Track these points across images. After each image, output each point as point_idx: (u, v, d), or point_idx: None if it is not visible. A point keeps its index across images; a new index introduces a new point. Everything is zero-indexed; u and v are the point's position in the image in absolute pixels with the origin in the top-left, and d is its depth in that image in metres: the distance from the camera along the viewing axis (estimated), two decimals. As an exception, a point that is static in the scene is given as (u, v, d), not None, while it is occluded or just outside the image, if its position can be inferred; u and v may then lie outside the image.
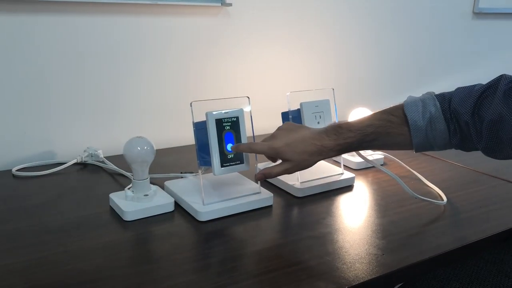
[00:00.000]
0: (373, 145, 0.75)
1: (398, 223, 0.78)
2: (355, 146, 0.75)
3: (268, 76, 1.33)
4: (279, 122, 0.95)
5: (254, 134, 0.84)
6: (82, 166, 1.04)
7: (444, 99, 0.72)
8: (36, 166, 1.02)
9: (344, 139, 0.74)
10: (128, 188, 0.81)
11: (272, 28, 1.30)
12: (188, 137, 1.01)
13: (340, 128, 0.75)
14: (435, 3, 1.61)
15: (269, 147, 0.77)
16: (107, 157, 1.04)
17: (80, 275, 0.61)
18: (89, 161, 1.04)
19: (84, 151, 1.04)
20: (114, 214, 0.79)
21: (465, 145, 0.71)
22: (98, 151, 1.03)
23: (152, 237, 0.72)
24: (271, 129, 1.36)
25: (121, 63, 1.12)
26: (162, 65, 1.17)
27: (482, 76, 1.80)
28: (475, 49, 1.79)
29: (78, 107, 1.09)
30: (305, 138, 0.75)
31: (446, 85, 1.72)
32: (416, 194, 0.82)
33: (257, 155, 0.86)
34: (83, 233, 0.72)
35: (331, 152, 0.75)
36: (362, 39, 1.49)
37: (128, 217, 0.76)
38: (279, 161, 0.77)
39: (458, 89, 0.73)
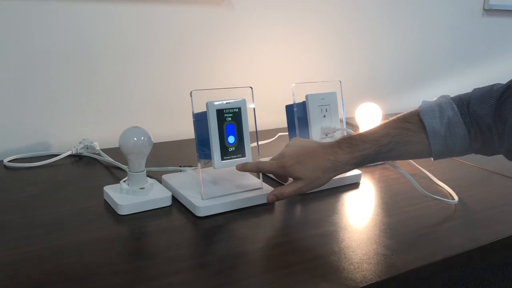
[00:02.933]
0: (391, 155, 0.70)
1: (407, 222, 0.74)
2: (371, 158, 0.70)
3: (273, 69, 1.29)
4: (283, 116, 0.91)
5: (257, 129, 0.80)
6: (77, 158, 1.00)
7: (461, 102, 0.68)
8: (30, 158, 0.98)
9: (359, 151, 0.69)
10: (124, 181, 0.78)
11: (277, 19, 1.26)
12: (188, 131, 0.97)
13: (354, 140, 0.70)
14: (445, 0, 1.56)
15: (278, 165, 0.72)
16: (103, 150, 1.00)
17: (68, 271, 0.57)
18: (85, 153, 1.00)
19: (80, 142, 1.00)
20: (108, 208, 0.75)
21: (487, 149, 0.67)
22: (94, 143, 1.00)
23: (147, 233, 0.68)
24: (275, 125, 1.35)
25: (120, 53, 1.08)
26: (162, 55, 1.13)
27: (493, 74, 1.77)
28: (485, 46, 1.75)
29: (75, 97, 1.06)
30: (317, 154, 0.70)
31: (456, 83, 1.69)
32: (427, 192, 0.78)
33: (260, 149, 0.82)
34: (74, 227, 0.68)
35: (347, 167, 0.70)
36: (370, 34, 1.45)
37: (122, 211, 0.72)
38: (290, 180, 0.73)
39: (476, 90, 0.69)
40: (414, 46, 1.57)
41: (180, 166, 0.91)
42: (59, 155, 0.96)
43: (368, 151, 0.69)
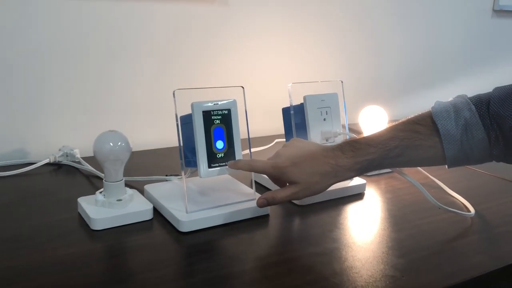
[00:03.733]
0: (398, 161, 0.62)
1: (419, 238, 0.66)
2: (377, 164, 0.62)
3: (268, 69, 1.21)
4: (279, 120, 0.83)
5: (251, 136, 0.72)
6: (56, 166, 0.92)
7: (480, 102, 0.60)
8: (3, 166, 0.90)
9: (363, 156, 0.61)
10: (100, 192, 0.69)
11: (274, 16, 1.19)
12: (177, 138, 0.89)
13: (357, 143, 0.63)
14: (453, 0, 1.49)
15: (273, 166, 0.64)
16: (84, 157, 0.92)
17: (22, 299, 0.48)
18: (64, 161, 0.92)
19: (59, 150, 0.92)
20: (82, 222, 0.67)
21: (510, 156, 0.59)
22: (74, 150, 0.92)
23: (123, 251, 0.60)
24: (270, 131, 1.28)
25: (103, 53, 1.00)
26: (147, 57, 1.05)
27: (504, 76, 1.69)
28: (495, 48, 1.68)
29: (54, 102, 0.98)
30: (316, 156, 0.63)
31: (465, 86, 1.61)
32: (440, 204, 0.70)
33: (253, 156, 0.74)
34: (38, 244, 0.60)
35: (349, 173, 0.62)
36: (374, 33, 1.38)
37: (96, 226, 0.64)
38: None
39: (497, 89, 0.61)
40: (421, 46, 1.50)
41: (166, 175, 0.83)
42: (36, 163, 0.88)
43: (373, 155, 0.61)
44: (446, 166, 0.62)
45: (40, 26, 0.93)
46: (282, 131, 0.85)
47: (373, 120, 0.92)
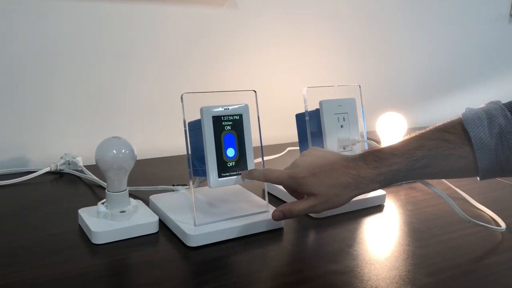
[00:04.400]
0: (426, 173, 0.57)
1: (447, 255, 0.60)
2: (402, 176, 0.57)
3: (281, 74, 1.17)
4: (293, 128, 0.79)
5: (263, 142, 0.68)
6: (58, 175, 0.88)
7: None
8: (2, 174, 0.86)
9: (387, 166, 0.56)
10: (102, 203, 0.65)
11: (285, 19, 1.15)
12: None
13: (381, 153, 0.58)
14: (469, 5, 1.45)
15: (289, 176, 0.59)
16: (87, 166, 0.88)
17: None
18: (66, 169, 0.88)
19: (61, 158, 0.88)
20: (83, 236, 0.62)
21: None
22: (77, 158, 0.88)
23: (126, 267, 0.55)
24: (285, 139, 1.23)
25: (108, 56, 0.97)
26: (156, 62, 1.01)
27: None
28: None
29: (57, 108, 0.94)
30: (336, 166, 0.58)
31: (484, 92, 1.56)
32: (469, 218, 0.64)
33: (265, 165, 0.69)
34: (34, 260, 0.55)
35: (372, 184, 0.57)
36: (391, 38, 1.34)
37: (97, 239, 0.59)
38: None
39: None
40: (439, 52, 1.46)
41: (173, 185, 0.78)
42: (36, 172, 0.84)
43: (399, 166, 0.56)
44: (478, 178, 0.57)
45: (41, 31, 0.90)
46: (294, 138, 0.81)
47: (392, 128, 0.87)
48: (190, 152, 0.63)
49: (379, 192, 0.77)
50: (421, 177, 0.59)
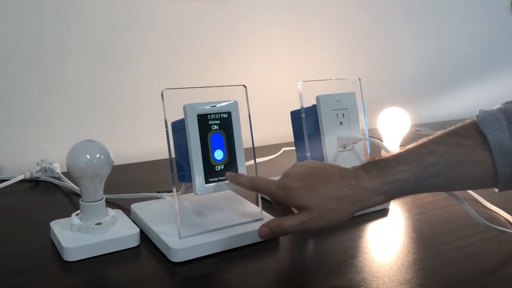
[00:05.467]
0: (437, 183, 0.50)
1: (463, 264, 0.54)
2: (410, 186, 0.50)
3: (274, 69, 1.11)
4: (288, 128, 0.72)
5: (255, 143, 0.61)
6: (33, 183, 0.81)
7: None
8: (-28, 184, 0.79)
9: (392, 174, 0.49)
10: (76, 214, 0.58)
11: (279, 11, 1.09)
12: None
13: (385, 161, 0.51)
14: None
15: (279, 186, 0.52)
16: (65, 173, 0.81)
17: None
18: (42, 177, 0.81)
19: (37, 164, 0.81)
20: (55, 252, 0.56)
21: None
22: (54, 165, 0.81)
23: (103, 287, 0.49)
24: (277, 138, 1.16)
25: (87, 51, 0.90)
26: (135, 57, 0.95)
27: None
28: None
29: (32, 112, 0.88)
30: (333, 177, 0.51)
31: (490, 85, 1.52)
32: (485, 221, 0.58)
33: (258, 168, 0.63)
34: (-4, 282, 0.49)
35: (375, 197, 0.50)
36: (393, 29, 1.30)
37: (69, 256, 0.53)
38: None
39: None
40: (440, 45, 1.41)
41: (158, 192, 0.71)
42: (8, 180, 0.77)
43: (405, 174, 0.49)
44: (496, 190, 0.51)
45: (15, 30, 0.83)
46: (290, 138, 0.74)
47: (394, 124, 0.81)
48: (174, 155, 0.57)
49: (383, 194, 0.71)
50: (430, 189, 0.52)
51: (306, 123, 0.66)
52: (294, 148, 0.75)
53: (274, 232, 0.51)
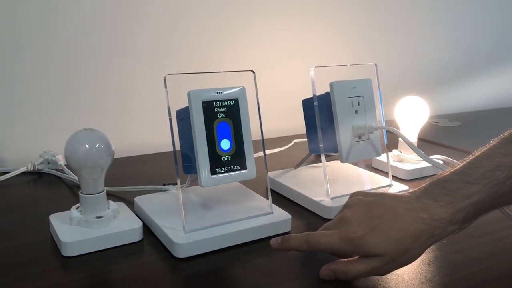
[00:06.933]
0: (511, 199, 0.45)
1: (488, 262, 0.50)
2: (485, 208, 0.45)
3: (284, 54, 1.06)
4: (299, 116, 0.69)
5: (264, 134, 0.58)
6: (36, 176, 0.78)
7: None
8: (-27, 176, 0.77)
9: (465, 198, 0.44)
10: (76, 208, 0.55)
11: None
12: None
13: (450, 183, 0.45)
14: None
15: (342, 238, 0.45)
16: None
17: None
18: (45, 169, 0.78)
19: (40, 156, 0.79)
20: (54, 246, 0.53)
21: None
22: (57, 157, 0.78)
23: (103, 284, 0.46)
24: (288, 129, 1.12)
25: (89, 40, 0.87)
26: (139, 43, 0.91)
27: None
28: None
29: (35, 102, 0.85)
30: (399, 212, 0.45)
31: (508, 79, 1.45)
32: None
33: (268, 160, 0.59)
34: (-9, 278, 0.46)
35: (450, 227, 0.44)
36: (413, 14, 1.24)
37: (68, 251, 0.50)
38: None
39: None
40: (464, 32, 1.36)
41: (163, 184, 0.68)
42: (10, 172, 0.75)
43: (479, 196, 0.44)
44: None
45: (15, 24, 0.81)
46: (301, 130, 0.70)
47: (413, 114, 0.76)
48: (178, 145, 0.54)
49: (402, 187, 0.67)
50: (506, 205, 0.47)
51: (319, 111, 0.62)
52: (306, 140, 0.71)
53: (339, 276, 0.46)
